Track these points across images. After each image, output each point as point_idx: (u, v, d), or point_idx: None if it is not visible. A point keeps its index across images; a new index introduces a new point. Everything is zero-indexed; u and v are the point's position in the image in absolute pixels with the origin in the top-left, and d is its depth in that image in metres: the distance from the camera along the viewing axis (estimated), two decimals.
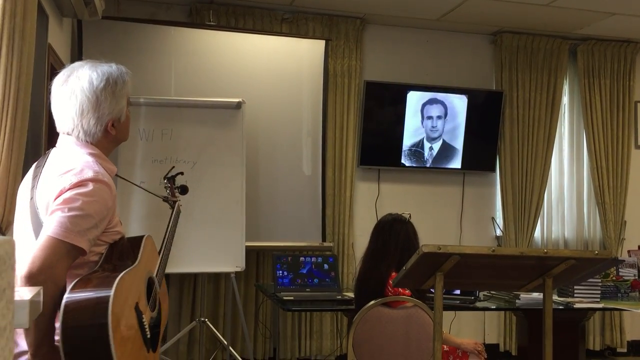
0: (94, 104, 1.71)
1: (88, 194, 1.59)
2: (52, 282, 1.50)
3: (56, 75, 1.77)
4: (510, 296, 3.68)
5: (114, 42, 4.37)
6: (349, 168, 5.07)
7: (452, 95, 5.26)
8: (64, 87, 1.73)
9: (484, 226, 5.49)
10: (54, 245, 1.52)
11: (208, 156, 4.19)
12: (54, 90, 1.75)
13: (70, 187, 1.59)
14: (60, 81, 1.74)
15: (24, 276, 1.48)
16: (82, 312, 1.48)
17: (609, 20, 5.05)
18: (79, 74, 1.73)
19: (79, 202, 1.57)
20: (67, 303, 1.48)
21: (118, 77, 1.76)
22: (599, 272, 3.52)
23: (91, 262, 1.65)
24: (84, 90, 1.71)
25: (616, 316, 5.50)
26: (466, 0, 4.69)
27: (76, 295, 1.50)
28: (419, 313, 2.90)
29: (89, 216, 1.58)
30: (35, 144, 3.03)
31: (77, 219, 1.56)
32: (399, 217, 3.15)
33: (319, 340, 4.95)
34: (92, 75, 1.72)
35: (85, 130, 1.72)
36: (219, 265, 4.13)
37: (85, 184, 1.60)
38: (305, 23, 5.02)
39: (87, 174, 1.62)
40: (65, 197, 1.57)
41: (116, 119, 1.76)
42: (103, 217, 1.63)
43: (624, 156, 5.53)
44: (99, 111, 1.72)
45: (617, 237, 5.49)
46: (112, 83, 1.73)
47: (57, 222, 1.54)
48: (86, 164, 1.67)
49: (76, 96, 1.71)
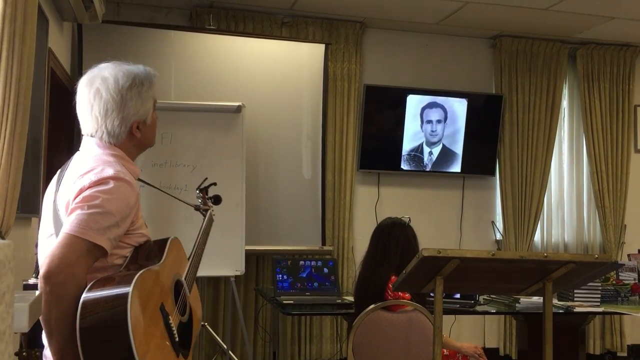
0: (119, 104, 1.65)
1: (108, 191, 1.54)
2: (72, 283, 1.43)
3: (82, 76, 1.73)
4: (510, 300, 3.67)
5: (114, 46, 4.37)
6: (348, 172, 5.07)
7: (451, 99, 5.27)
8: (89, 86, 1.68)
9: (483, 230, 5.49)
10: (73, 242, 1.46)
11: (208, 160, 4.19)
12: (79, 90, 1.70)
13: (90, 185, 1.55)
14: (85, 81, 1.70)
15: (42, 275, 1.43)
16: (100, 309, 1.41)
17: (608, 25, 5.06)
18: (104, 74, 1.67)
19: (98, 199, 1.52)
20: (84, 301, 1.42)
21: (145, 77, 1.70)
22: (599, 276, 3.51)
23: (115, 265, 1.59)
24: (109, 90, 1.65)
25: (616, 320, 5.49)
26: (466, 4, 4.70)
27: (94, 293, 1.44)
28: (419, 317, 2.90)
29: (109, 214, 1.53)
30: (35, 148, 3.03)
31: (97, 216, 1.50)
32: (399, 221, 3.14)
33: (318, 344, 4.94)
34: (118, 75, 1.67)
35: (109, 131, 1.67)
36: (218, 269, 4.13)
37: (106, 181, 1.56)
38: (305, 27, 5.03)
39: (107, 172, 1.58)
40: (85, 195, 1.53)
41: (142, 121, 1.70)
42: (125, 215, 1.58)
43: (623, 160, 5.53)
44: (124, 111, 1.66)
45: (617, 241, 5.49)
46: (138, 83, 1.68)
47: (76, 220, 1.49)
48: (107, 163, 1.62)
49: (101, 95, 1.65)
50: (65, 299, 1.43)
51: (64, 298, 1.43)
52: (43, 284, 1.43)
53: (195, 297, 1.89)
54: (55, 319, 1.44)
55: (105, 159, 1.65)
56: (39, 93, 3.06)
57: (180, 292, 1.75)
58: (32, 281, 2.75)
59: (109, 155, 1.67)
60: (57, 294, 1.43)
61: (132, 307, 1.41)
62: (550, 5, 4.66)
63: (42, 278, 1.44)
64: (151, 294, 1.53)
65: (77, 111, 1.73)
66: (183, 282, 1.79)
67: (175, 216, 3.94)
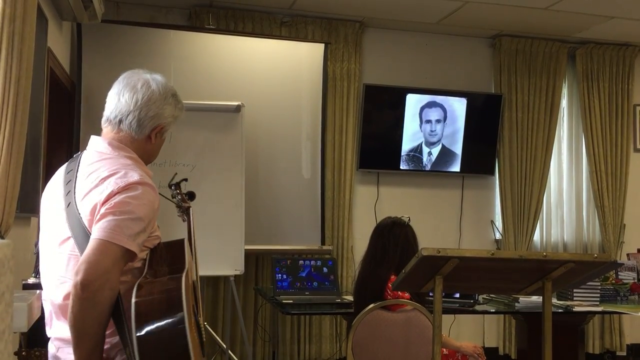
0: (162, 100, 1.74)
1: (138, 197, 1.57)
2: (108, 288, 1.46)
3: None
4: (510, 299, 3.67)
5: (113, 46, 4.38)
6: (348, 171, 5.07)
7: (451, 99, 5.27)
8: (138, 77, 1.75)
9: (483, 229, 5.49)
10: (109, 249, 1.48)
11: (207, 159, 4.19)
12: (122, 79, 1.76)
13: (119, 191, 1.56)
14: (132, 73, 1.77)
15: (80, 282, 1.43)
16: (156, 310, 1.45)
17: (608, 24, 5.06)
18: (154, 76, 1.77)
19: (130, 205, 1.54)
20: (137, 302, 1.46)
21: (179, 100, 1.82)
22: (598, 276, 3.51)
23: (135, 268, 1.61)
24: (159, 86, 1.75)
25: (615, 319, 5.49)
26: (465, 3, 4.70)
27: (145, 297, 1.47)
28: (418, 316, 2.90)
29: (139, 219, 1.55)
30: (34, 147, 3.03)
31: (129, 222, 1.53)
32: (399, 221, 3.15)
33: (318, 343, 4.94)
34: (168, 83, 1.79)
35: (141, 118, 1.72)
36: (218, 269, 4.13)
37: (134, 187, 1.58)
38: (304, 26, 5.03)
39: (132, 177, 1.60)
40: (116, 201, 1.54)
41: (163, 129, 1.78)
42: (150, 220, 1.60)
43: (622, 159, 5.53)
44: (161, 109, 1.74)
45: (616, 241, 5.49)
46: (177, 98, 1.81)
47: (109, 226, 1.50)
48: (128, 166, 1.64)
49: (149, 86, 1.73)
50: (101, 305, 1.45)
51: (99, 304, 1.45)
52: (80, 291, 1.43)
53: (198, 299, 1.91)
54: (90, 325, 1.46)
55: (123, 162, 1.66)
56: (38, 92, 3.06)
57: (195, 294, 1.80)
58: (31, 281, 2.75)
59: (125, 157, 1.69)
60: (94, 300, 1.44)
61: (186, 306, 1.46)
62: (549, 4, 4.66)
63: (78, 285, 1.43)
64: (189, 295, 1.57)
65: (110, 96, 1.76)
66: (197, 284, 1.83)
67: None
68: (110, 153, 1.68)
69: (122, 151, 1.70)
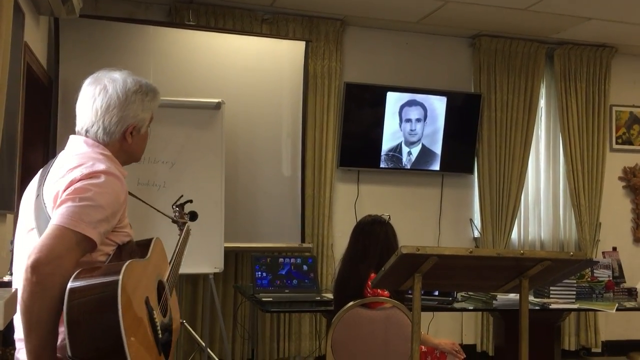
0: (122, 103, 1.69)
1: (100, 185, 1.54)
2: (60, 275, 1.41)
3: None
4: (488, 297, 3.71)
5: (91, 41, 4.32)
6: (328, 169, 5.07)
7: (431, 97, 5.29)
8: (95, 83, 1.72)
9: (462, 227, 5.54)
10: (64, 234, 1.44)
11: (187, 156, 4.17)
12: (84, 88, 1.73)
13: (81, 178, 1.54)
14: (91, 79, 1.74)
15: (30, 265, 1.38)
16: (89, 294, 1.38)
17: (585, 25, 5.12)
18: (113, 75, 1.73)
19: (90, 192, 1.51)
20: (72, 288, 1.39)
21: (150, 90, 1.76)
22: (574, 273, 3.57)
23: (98, 262, 1.57)
24: (116, 88, 1.70)
25: (591, 317, 5.58)
26: (445, 3, 4.73)
27: (82, 281, 1.41)
28: (397, 314, 2.91)
29: (100, 207, 1.52)
30: (10, 144, 2.98)
31: (89, 209, 1.49)
32: (379, 219, 3.16)
33: (297, 341, 4.95)
34: (127, 79, 1.73)
35: (105, 126, 1.69)
36: (197, 267, 4.11)
37: (98, 175, 1.56)
38: (285, 24, 5.02)
39: (98, 166, 1.59)
40: (77, 187, 1.52)
41: (137, 128, 1.74)
42: (114, 211, 1.57)
43: (599, 159, 5.61)
44: (124, 111, 1.70)
45: (592, 239, 5.57)
46: (143, 91, 1.74)
47: (67, 211, 1.47)
48: (97, 159, 1.63)
49: (107, 91, 1.69)
50: (51, 291, 1.40)
51: (49, 290, 1.40)
52: (30, 274, 1.39)
53: (175, 305, 1.87)
54: (38, 312, 1.40)
55: (94, 156, 1.65)
56: (15, 88, 3.01)
57: (162, 293, 1.74)
58: (6, 278, 2.71)
59: (98, 153, 1.67)
60: (43, 285, 1.39)
61: (122, 294, 1.38)
62: (528, 5, 4.71)
63: (29, 268, 1.39)
64: (138, 285, 1.51)
65: (76, 107, 1.74)
66: (165, 283, 1.78)
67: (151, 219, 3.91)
68: (85, 149, 1.68)
69: (97, 148, 1.69)
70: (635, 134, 5.86)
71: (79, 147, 1.70)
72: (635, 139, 5.86)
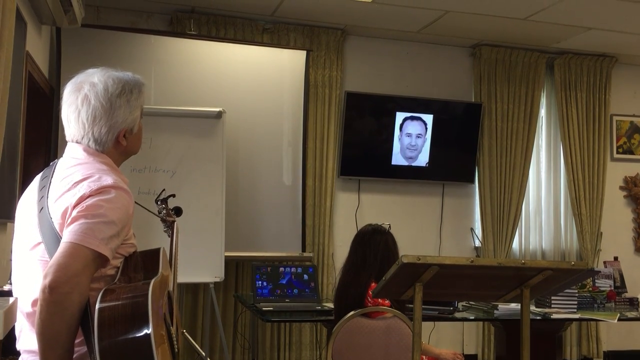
0: (108, 111, 1.63)
1: (111, 200, 1.52)
2: (78, 293, 1.40)
3: (68, 80, 1.69)
4: (489, 307, 3.70)
5: (93, 51, 4.34)
6: (329, 178, 5.08)
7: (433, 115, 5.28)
8: (77, 92, 1.65)
9: (463, 237, 5.53)
10: (79, 252, 1.43)
11: (188, 166, 4.17)
12: (65, 96, 1.67)
13: (91, 194, 1.51)
14: (72, 86, 1.67)
15: (48, 285, 1.37)
16: (120, 318, 1.39)
17: (586, 35, 5.14)
18: (93, 80, 1.65)
19: (102, 208, 1.50)
20: (100, 308, 1.39)
21: (134, 85, 1.68)
22: (576, 283, 3.56)
23: (108, 275, 1.55)
24: (98, 96, 1.62)
25: (592, 327, 5.55)
26: (446, 13, 4.75)
27: (109, 303, 1.41)
28: (398, 324, 2.90)
29: (112, 223, 1.50)
30: (11, 152, 2.99)
31: (101, 225, 1.48)
32: (379, 228, 3.15)
33: (298, 351, 4.93)
34: (108, 82, 1.64)
35: (96, 138, 1.64)
36: (197, 276, 4.10)
37: (107, 190, 1.53)
38: (286, 33, 5.04)
39: (106, 180, 1.55)
40: (88, 204, 1.50)
41: (129, 130, 1.68)
42: (124, 225, 1.56)
43: (599, 168, 5.61)
44: (112, 119, 1.64)
45: (593, 248, 5.56)
46: (127, 91, 1.66)
47: (81, 229, 1.45)
48: (102, 171, 1.60)
49: (89, 102, 1.62)
50: (70, 310, 1.40)
51: (69, 309, 1.40)
52: (48, 294, 1.38)
53: (175, 311, 1.88)
54: (57, 331, 1.40)
55: (98, 167, 1.62)
56: (16, 97, 3.02)
57: (170, 303, 1.74)
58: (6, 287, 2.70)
59: (100, 162, 1.64)
60: (62, 304, 1.39)
61: (152, 315, 1.40)
62: (528, 15, 4.72)
63: (47, 288, 1.38)
64: (158, 303, 1.52)
65: (62, 116, 1.69)
66: (172, 294, 1.78)
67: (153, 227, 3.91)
68: (86, 159, 1.65)
69: (97, 157, 1.66)
70: (636, 144, 5.87)
71: (79, 155, 1.66)
72: (636, 148, 5.86)
